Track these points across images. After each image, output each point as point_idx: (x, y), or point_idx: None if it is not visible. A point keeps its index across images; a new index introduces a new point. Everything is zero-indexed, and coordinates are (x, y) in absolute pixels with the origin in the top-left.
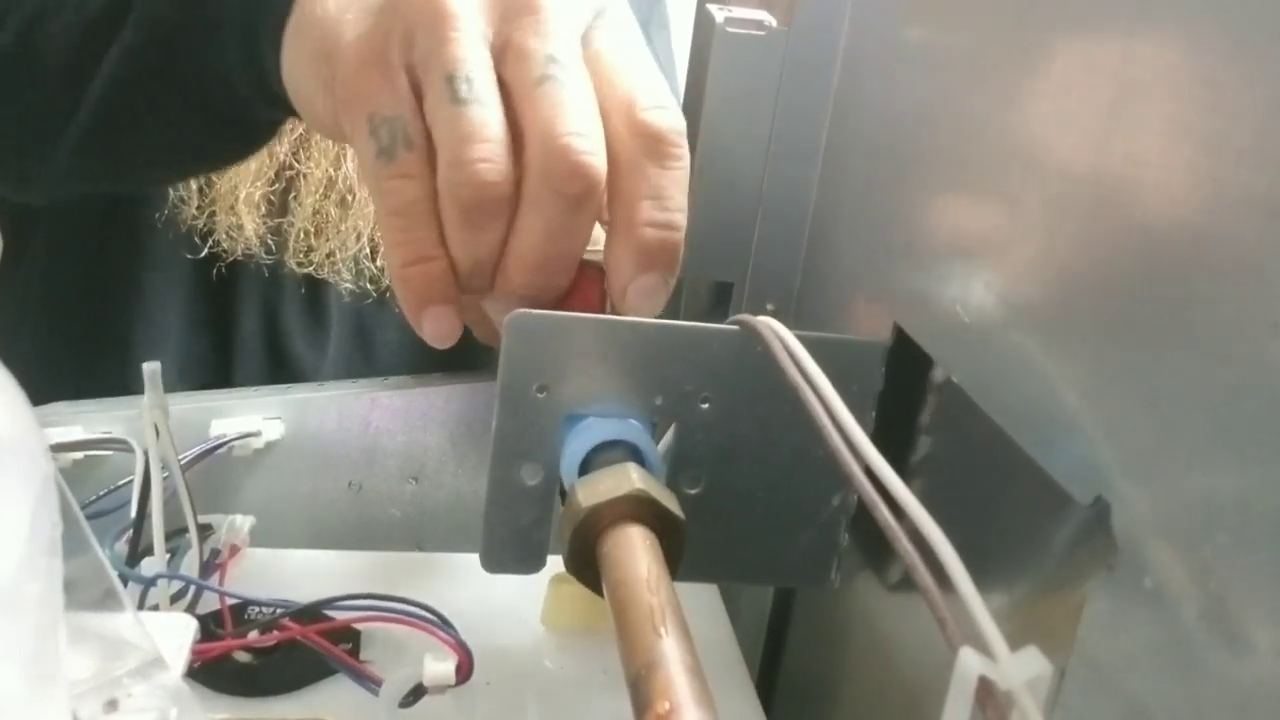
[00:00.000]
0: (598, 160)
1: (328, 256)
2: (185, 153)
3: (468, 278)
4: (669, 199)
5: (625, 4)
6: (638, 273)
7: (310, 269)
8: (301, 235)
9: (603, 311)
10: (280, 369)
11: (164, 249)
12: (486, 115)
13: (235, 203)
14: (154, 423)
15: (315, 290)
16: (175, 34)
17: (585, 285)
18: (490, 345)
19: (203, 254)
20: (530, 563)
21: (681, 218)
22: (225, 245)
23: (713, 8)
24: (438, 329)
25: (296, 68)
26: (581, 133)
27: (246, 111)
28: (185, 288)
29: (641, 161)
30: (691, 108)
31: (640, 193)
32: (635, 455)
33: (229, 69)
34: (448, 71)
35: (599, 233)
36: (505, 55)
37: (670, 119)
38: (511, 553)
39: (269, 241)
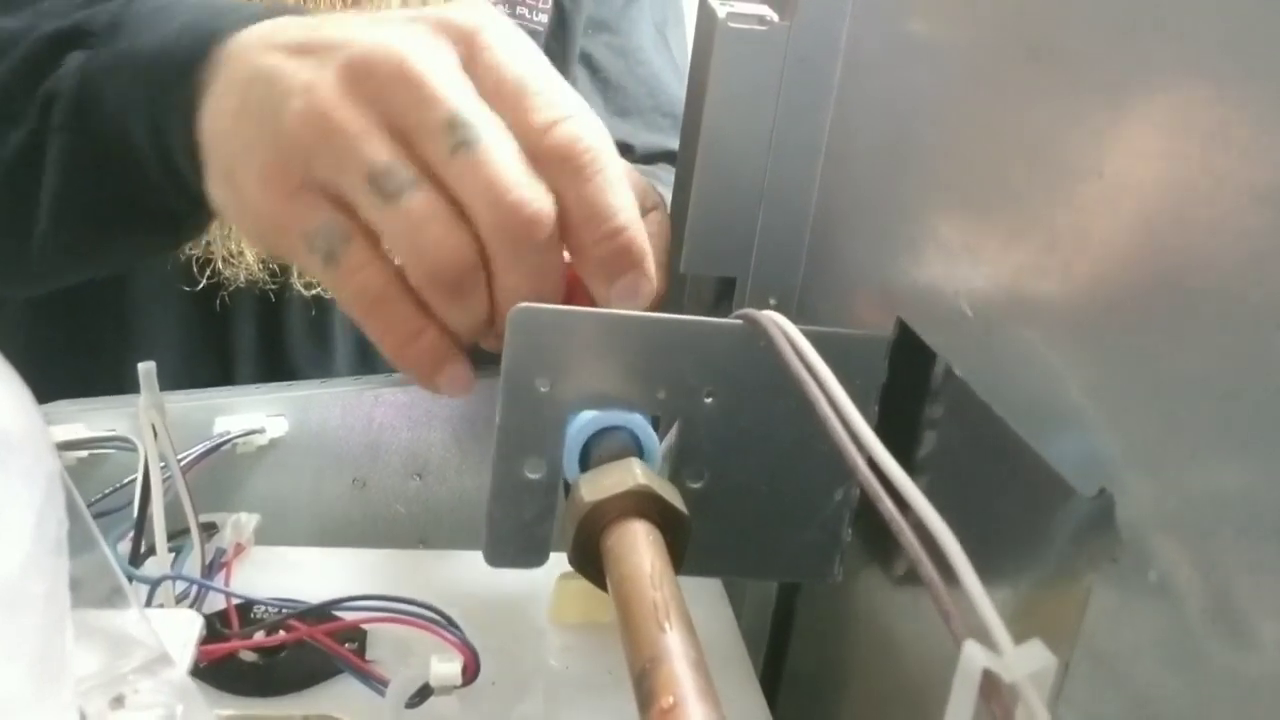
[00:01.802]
0: (545, 201)
1: None
2: (148, 247)
3: (471, 336)
4: (604, 208)
5: (497, 15)
6: (611, 281)
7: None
8: None
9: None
10: None
11: (158, 281)
12: (423, 198)
13: (231, 228)
14: (151, 423)
15: (323, 312)
16: (94, 170)
17: (575, 288)
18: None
19: (200, 286)
20: (533, 557)
21: (625, 215)
22: (226, 274)
23: (714, 2)
24: (454, 386)
25: (213, 187)
26: (519, 183)
27: (189, 219)
28: (182, 320)
29: (562, 185)
30: (693, 102)
31: (577, 216)
32: (634, 442)
33: (160, 193)
34: (366, 175)
35: None
36: (408, 139)
37: (570, 131)
38: (515, 547)
39: (273, 265)
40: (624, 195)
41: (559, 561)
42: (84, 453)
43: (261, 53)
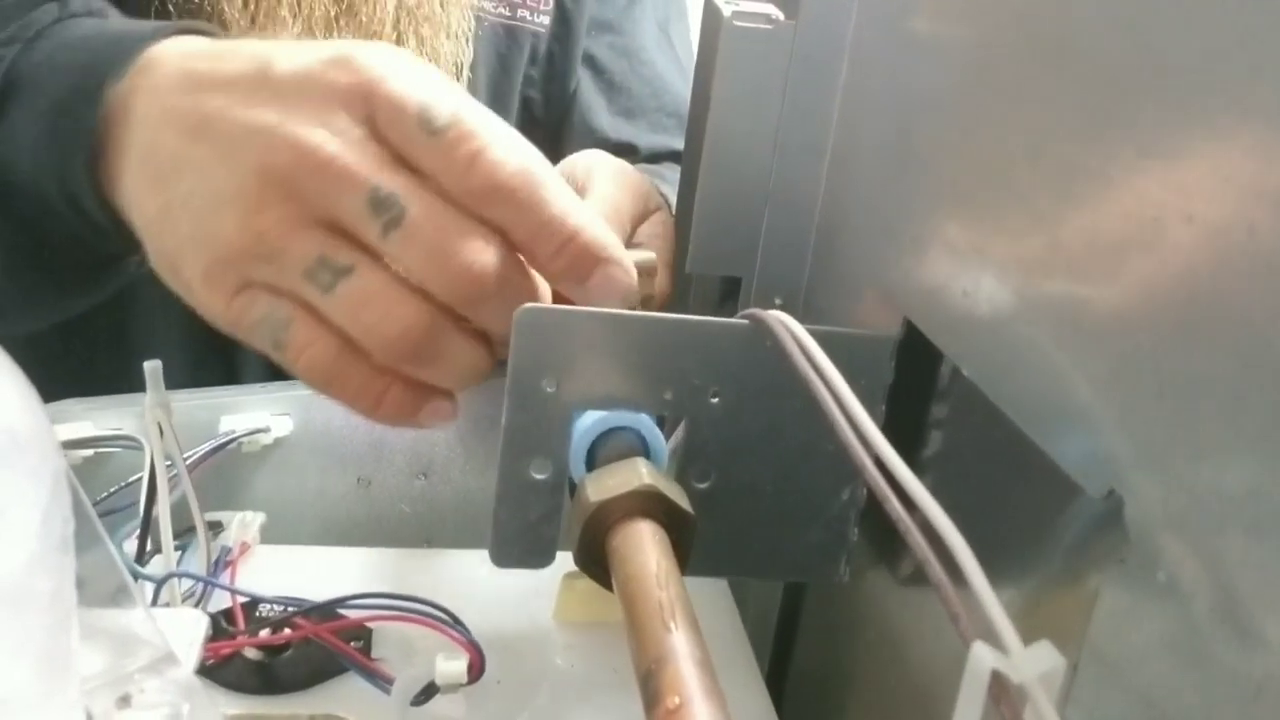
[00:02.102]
0: (488, 254)
1: None
2: (120, 279)
3: (472, 380)
4: (547, 223)
5: (387, 58)
6: (582, 284)
7: None
8: None
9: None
10: None
11: (161, 292)
12: (357, 282)
13: None
14: (157, 422)
15: None
16: (31, 244)
17: None
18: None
19: None
20: (539, 558)
21: (572, 221)
22: None
23: (720, 1)
24: (437, 420)
25: (161, 273)
26: (458, 248)
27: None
28: (186, 330)
29: (500, 216)
30: (698, 101)
31: (525, 239)
32: (640, 442)
33: (99, 248)
34: (303, 271)
35: None
36: (341, 225)
37: (489, 163)
38: (521, 548)
39: None
40: (564, 202)
41: (564, 561)
42: (90, 451)
43: (161, 130)
